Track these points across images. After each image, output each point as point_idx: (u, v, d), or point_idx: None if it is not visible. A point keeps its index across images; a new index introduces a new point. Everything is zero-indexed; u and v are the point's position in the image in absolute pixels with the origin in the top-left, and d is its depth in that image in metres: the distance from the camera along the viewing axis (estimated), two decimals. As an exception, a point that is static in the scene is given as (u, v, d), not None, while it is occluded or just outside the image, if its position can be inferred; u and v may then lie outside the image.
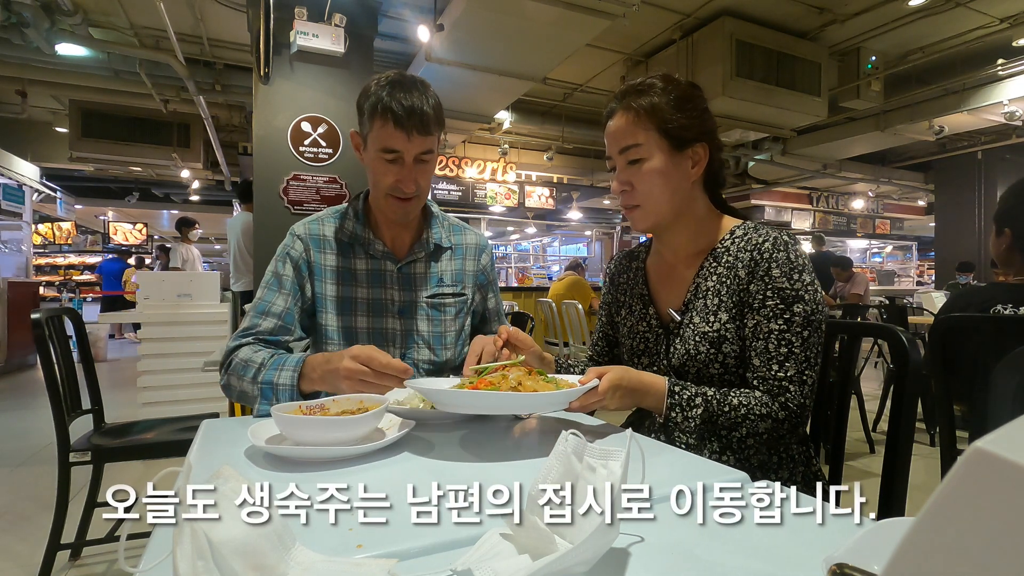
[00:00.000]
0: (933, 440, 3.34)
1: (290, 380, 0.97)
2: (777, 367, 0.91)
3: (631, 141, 0.98)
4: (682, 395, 0.92)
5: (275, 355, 1.03)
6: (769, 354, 0.92)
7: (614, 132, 1.00)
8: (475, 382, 0.85)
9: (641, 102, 0.97)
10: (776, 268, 0.92)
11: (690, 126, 0.98)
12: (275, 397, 0.96)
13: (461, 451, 0.80)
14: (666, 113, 0.97)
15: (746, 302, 0.95)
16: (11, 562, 1.96)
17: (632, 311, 1.12)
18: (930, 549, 0.17)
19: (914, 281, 12.89)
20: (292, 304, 1.14)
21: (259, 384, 0.98)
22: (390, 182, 1.11)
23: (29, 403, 4.64)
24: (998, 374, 1.02)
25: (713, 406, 0.91)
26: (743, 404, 0.91)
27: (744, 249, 0.97)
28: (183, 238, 6.33)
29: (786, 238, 0.95)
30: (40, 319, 1.66)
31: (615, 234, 13.49)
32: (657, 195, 0.99)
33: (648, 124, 0.97)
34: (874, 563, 0.39)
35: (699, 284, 1.01)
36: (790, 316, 0.91)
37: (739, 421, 0.90)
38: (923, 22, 4.98)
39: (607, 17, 3.89)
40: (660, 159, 0.97)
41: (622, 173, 1.00)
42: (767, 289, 0.92)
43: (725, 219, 1.05)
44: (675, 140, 0.97)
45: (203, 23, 4.81)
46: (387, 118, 1.05)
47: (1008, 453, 0.15)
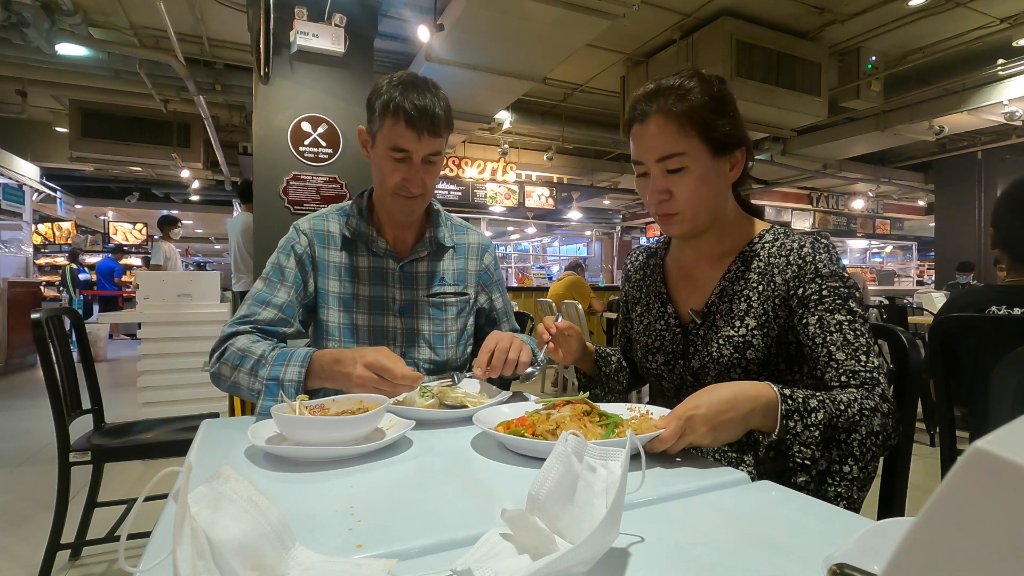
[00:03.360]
0: (933, 440, 3.35)
1: (297, 376, 0.96)
2: (864, 358, 0.84)
3: (672, 150, 0.90)
4: (796, 398, 0.77)
5: (276, 348, 1.02)
6: (852, 345, 0.84)
7: (650, 139, 0.92)
8: (533, 417, 0.82)
9: (681, 107, 0.89)
10: (824, 268, 0.89)
11: (733, 132, 0.92)
12: (281, 392, 0.95)
13: (461, 451, 0.80)
14: (709, 119, 0.90)
15: (802, 303, 0.89)
16: (11, 562, 1.96)
17: (649, 308, 1.09)
18: (930, 549, 0.17)
19: (914, 281, 12.90)
20: (294, 297, 1.14)
21: (264, 380, 0.96)
22: (397, 181, 1.11)
23: (29, 403, 4.64)
24: (998, 374, 1.02)
25: (829, 406, 0.78)
26: (852, 400, 0.79)
27: (779, 255, 0.93)
28: (165, 236, 6.31)
29: (824, 240, 0.93)
30: (40, 319, 1.66)
31: (615, 234, 13.49)
32: (697, 203, 0.93)
33: (690, 131, 0.90)
34: (874, 563, 0.39)
35: (724, 287, 0.97)
36: (851, 308, 0.87)
37: (856, 420, 0.78)
38: (923, 22, 4.98)
39: (607, 17, 3.89)
40: (702, 167, 0.91)
41: (660, 181, 0.93)
42: (822, 288, 0.88)
43: (752, 221, 1.02)
44: (717, 146, 0.91)
45: (203, 23, 4.81)
46: (399, 117, 1.05)
47: (1008, 453, 0.15)
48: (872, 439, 0.79)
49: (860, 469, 0.80)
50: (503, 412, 0.90)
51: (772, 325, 0.92)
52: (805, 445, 0.76)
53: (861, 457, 0.79)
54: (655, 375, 1.07)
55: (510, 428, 0.79)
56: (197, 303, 3.36)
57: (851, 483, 0.80)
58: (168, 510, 0.53)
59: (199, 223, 15.01)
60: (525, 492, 0.49)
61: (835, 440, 0.78)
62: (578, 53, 4.67)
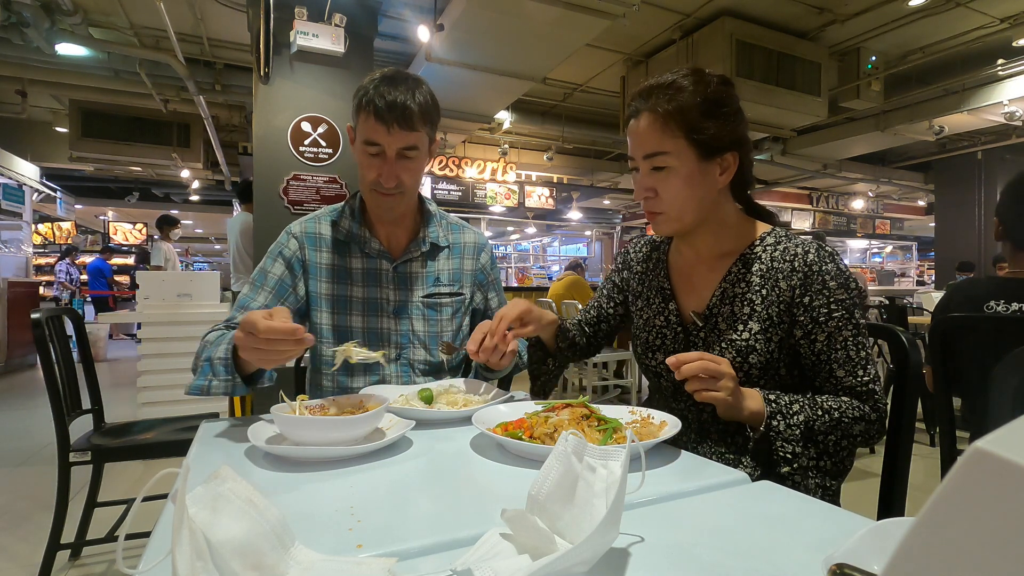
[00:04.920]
0: (933, 440, 3.35)
1: (225, 353, 0.94)
2: (862, 372, 0.89)
3: (657, 148, 0.91)
4: (780, 401, 0.86)
5: (224, 334, 1.03)
6: (852, 361, 0.89)
7: (639, 135, 0.93)
8: (532, 419, 0.81)
9: (669, 106, 0.90)
10: (832, 280, 0.89)
11: (721, 135, 0.91)
12: (211, 372, 0.95)
13: (461, 451, 0.80)
14: (696, 120, 0.90)
15: (811, 317, 0.90)
16: (11, 562, 1.96)
17: (649, 303, 1.08)
18: (930, 549, 0.17)
19: (914, 281, 12.89)
20: (272, 302, 1.14)
21: (201, 361, 0.98)
22: (372, 176, 1.11)
23: (29, 403, 4.64)
24: (998, 374, 1.02)
25: (809, 411, 0.86)
26: (835, 408, 0.87)
27: (783, 260, 0.93)
28: (163, 236, 6.31)
29: (828, 248, 0.93)
30: (40, 319, 1.66)
31: (615, 234, 13.50)
32: (681, 204, 0.93)
33: (676, 131, 0.90)
34: (874, 563, 0.39)
35: (725, 289, 0.96)
36: (855, 323, 0.89)
37: (834, 425, 0.86)
38: (923, 22, 4.98)
39: (607, 17, 3.89)
40: (687, 168, 0.91)
41: (646, 178, 0.94)
42: (830, 303, 0.89)
43: (752, 223, 1.01)
44: (704, 149, 0.91)
45: (203, 23, 4.81)
46: (369, 111, 1.06)
47: (1008, 453, 0.15)
48: (848, 441, 0.88)
49: (834, 464, 0.88)
50: (502, 412, 0.90)
51: (775, 330, 0.92)
52: (787, 441, 0.84)
53: (835, 454, 0.88)
54: (654, 372, 1.06)
55: (508, 430, 0.79)
56: (197, 303, 3.36)
57: (826, 475, 0.88)
58: (167, 511, 0.53)
59: (199, 223, 15.02)
60: (525, 492, 0.49)
61: (814, 440, 0.86)
62: (578, 53, 4.67)
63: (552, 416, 0.81)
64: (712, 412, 0.95)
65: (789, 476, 0.84)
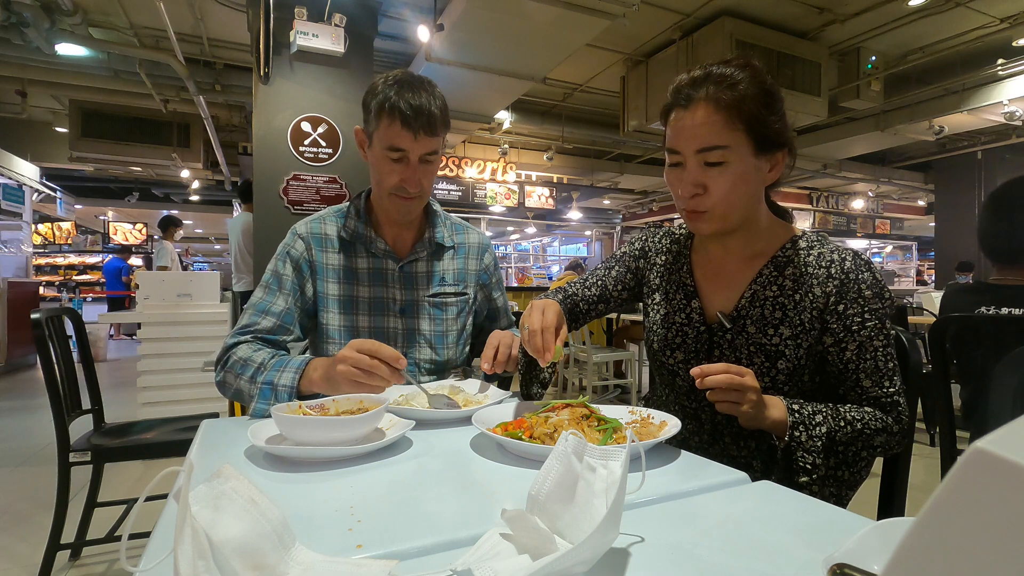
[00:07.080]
0: (933, 440, 3.35)
1: (291, 381, 0.96)
2: (888, 383, 0.88)
3: (716, 142, 0.84)
4: (803, 411, 0.84)
5: (276, 355, 1.04)
6: (880, 372, 0.88)
7: (693, 128, 0.85)
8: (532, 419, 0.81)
9: (731, 96, 0.83)
10: (867, 289, 0.88)
11: (781, 130, 0.87)
12: (274, 398, 0.96)
13: (461, 451, 0.80)
14: (759, 112, 0.84)
15: (843, 325, 0.88)
16: (11, 562, 1.96)
17: (670, 299, 1.04)
18: (930, 549, 0.17)
19: (914, 281, 12.89)
20: (292, 304, 1.14)
21: (259, 384, 0.98)
22: (394, 181, 1.11)
23: (29, 403, 4.64)
24: (998, 374, 1.02)
25: (831, 422, 0.84)
26: (857, 419, 0.85)
27: (818, 265, 0.91)
28: (167, 236, 6.32)
29: (863, 257, 0.91)
30: (40, 319, 1.66)
31: (615, 234, 13.49)
32: (732, 201, 0.88)
33: (738, 124, 0.84)
34: (874, 563, 0.39)
35: (756, 291, 0.93)
36: (886, 333, 0.88)
37: (855, 436, 0.85)
38: (923, 22, 4.97)
39: (607, 17, 3.89)
40: (743, 164, 0.86)
41: (696, 173, 0.87)
42: (864, 312, 0.87)
43: (783, 225, 0.99)
44: (763, 144, 0.86)
45: (203, 23, 4.81)
46: (394, 117, 1.05)
47: (1008, 453, 0.15)
48: (868, 452, 0.87)
49: (852, 475, 0.88)
50: (502, 412, 0.90)
51: (806, 336, 0.90)
52: (808, 452, 0.83)
53: (854, 464, 0.87)
54: (669, 370, 1.03)
55: (508, 430, 0.79)
56: (197, 303, 3.36)
57: (842, 484, 0.88)
58: (168, 510, 0.53)
59: (199, 223, 15.01)
60: (525, 492, 0.49)
61: (834, 451, 0.85)
62: (578, 53, 4.67)
63: (552, 416, 0.81)
64: (727, 414, 0.93)
65: (807, 486, 0.83)
